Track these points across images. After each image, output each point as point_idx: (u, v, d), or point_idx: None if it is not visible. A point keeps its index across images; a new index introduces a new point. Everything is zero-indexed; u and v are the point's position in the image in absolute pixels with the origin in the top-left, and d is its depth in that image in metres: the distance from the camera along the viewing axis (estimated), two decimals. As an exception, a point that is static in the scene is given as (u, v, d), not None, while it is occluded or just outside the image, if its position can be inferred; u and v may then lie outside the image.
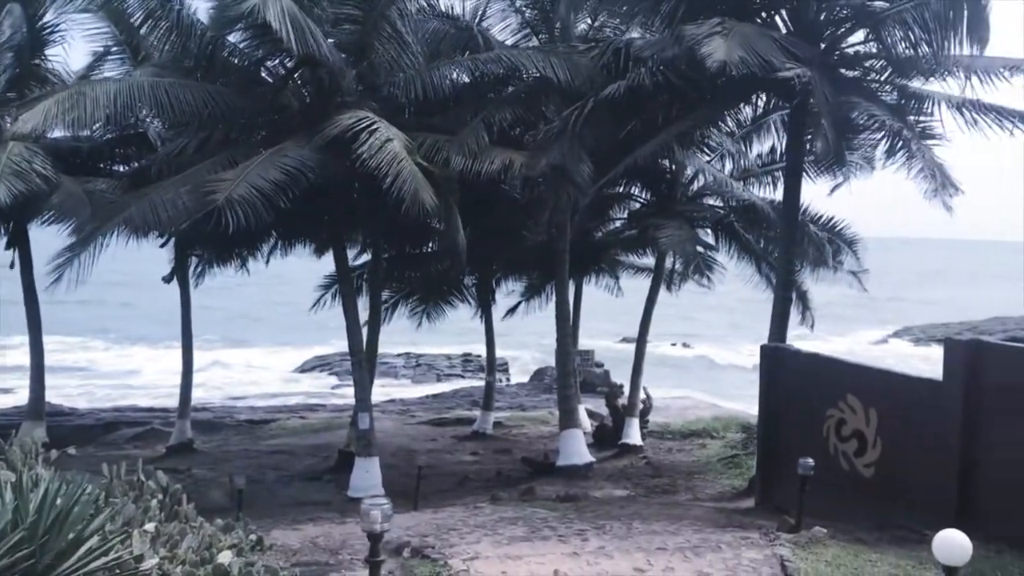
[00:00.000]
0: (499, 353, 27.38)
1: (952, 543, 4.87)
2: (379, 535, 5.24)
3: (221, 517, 8.37)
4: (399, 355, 41.16)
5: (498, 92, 17.11)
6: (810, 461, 9.24)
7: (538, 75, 15.67)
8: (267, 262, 20.63)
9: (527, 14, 18.03)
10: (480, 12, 17.75)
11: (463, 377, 37.86)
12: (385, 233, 18.31)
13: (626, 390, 21.02)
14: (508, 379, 35.15)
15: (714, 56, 11.44)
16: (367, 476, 15.52)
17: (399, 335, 28.46)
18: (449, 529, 9.59)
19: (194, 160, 14.72)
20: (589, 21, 17.92)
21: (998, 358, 9.22)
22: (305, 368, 41.54)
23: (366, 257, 20.40)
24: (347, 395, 25.18)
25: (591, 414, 22.82)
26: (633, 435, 19.63)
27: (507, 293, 23.38)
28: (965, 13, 12.33)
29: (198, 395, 27.08)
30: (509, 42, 17.71)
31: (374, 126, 13.47)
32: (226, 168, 13.82)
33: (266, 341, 49.27)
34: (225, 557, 5.83)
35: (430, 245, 20.32)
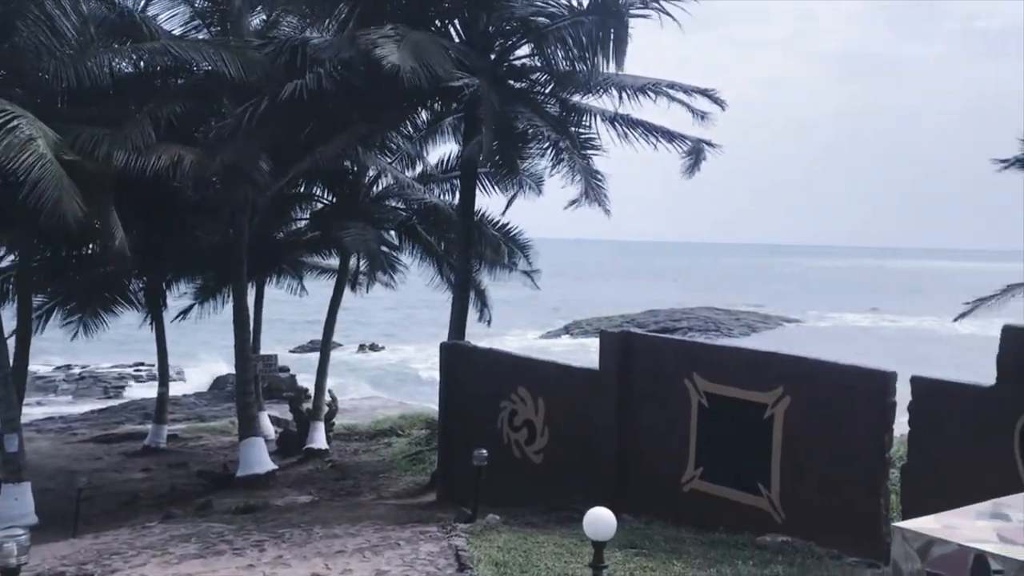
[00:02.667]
0: (175, 361, 25.78)
1: (599, 520, 5.29)
2: (15, 570, 4.70)
3: None
4: (59, 368, 37.54)
5: (167, 84, 16.12)
6: (484, 452, 9.63)
7: (210, 68, 14.96)
8: None
9: (197, 4, 17.15)
10: (144, -1, 16.61)
11: (135, 389, 35.25)
12: (37, 233, 16.52)
13: (313, 393, 20.76)
14: (185, 388, 33.26)
15: (389, 59, 11.60)
16: (16, 504, 13.98)
17: (57, 345, 25.86)
18: (112, 554, 8.85)
19: None
20: (264, 17, 17.41)
21: (645, 347, 10.20)
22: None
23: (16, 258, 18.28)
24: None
25: (276, 420, 22.30)
26: (318, 439, 19.44)
27: (178, 295, 22.13)
28: (612, 34, 13.47)
29: None
30: (178, 32, 16.73)
31: (14, 122, 12.09)
32: None
33: None
34: None
35: (91, 246, 18.66)
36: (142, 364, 38.33)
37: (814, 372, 8.45)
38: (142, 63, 15.13)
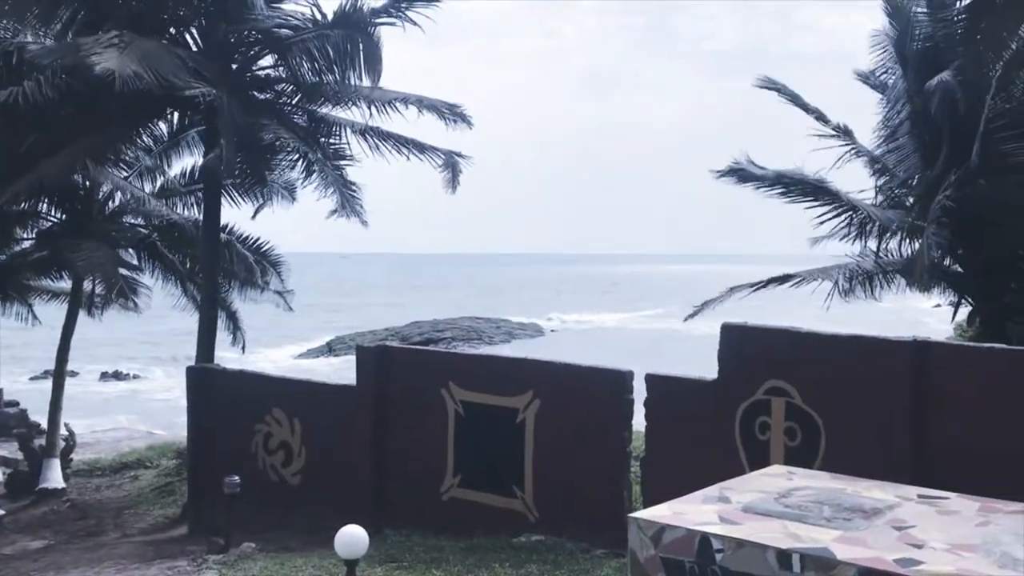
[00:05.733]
0: None
1: (349, 538, 5.22)
2: None
3: None
4: None
5: None
6: (236, 479, 9.26)
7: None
8: None
9: None
10: None
11: None
12: None
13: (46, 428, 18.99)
14: None
15: (103, 65, 10.85)
16: None
17: None
18: None
19: None
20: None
21: (401, 360, 10.22)
22: None
23: None
24: None
25: (4, 461, 20.21)
26: (54, 478, 17.78)
27: None
28: (361, 47, 13.41)
29: None
30: None
31: None
32: None
33: None
34: None
35: None
36: None
37: (560, 374, 8.84)
38: None
